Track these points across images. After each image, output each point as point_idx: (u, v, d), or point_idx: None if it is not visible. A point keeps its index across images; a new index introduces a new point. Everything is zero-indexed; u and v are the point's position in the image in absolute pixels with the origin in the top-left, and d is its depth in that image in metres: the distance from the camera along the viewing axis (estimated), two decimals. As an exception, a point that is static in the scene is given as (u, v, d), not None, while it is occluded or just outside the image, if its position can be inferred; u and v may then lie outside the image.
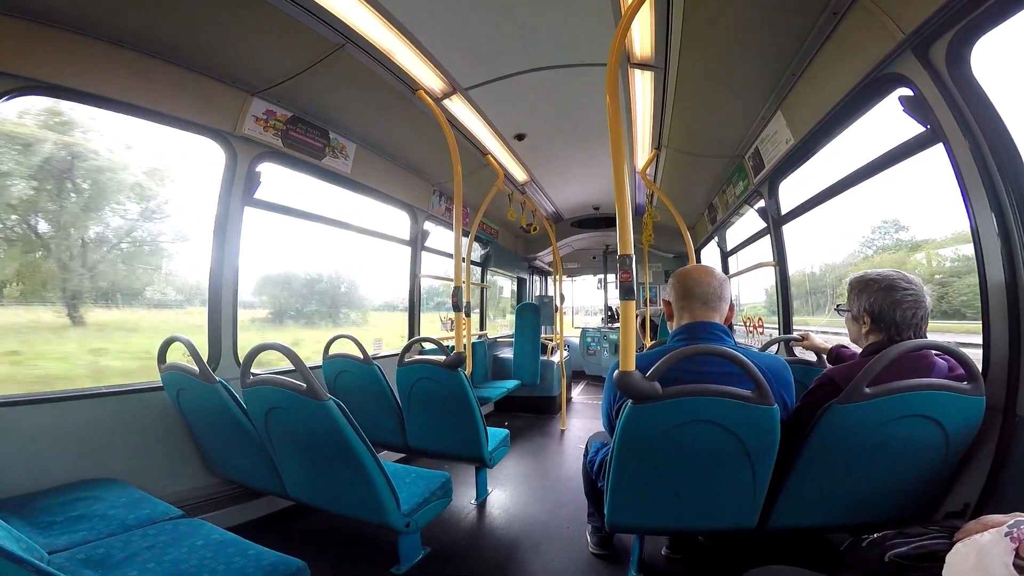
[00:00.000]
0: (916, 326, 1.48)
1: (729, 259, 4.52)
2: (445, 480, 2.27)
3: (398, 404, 2.86)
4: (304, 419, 1.80)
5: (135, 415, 2.23)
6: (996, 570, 0.70)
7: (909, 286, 1.49)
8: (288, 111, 2.80)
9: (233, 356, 2.65)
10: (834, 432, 1.38)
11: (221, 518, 2.27)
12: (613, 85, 1.58)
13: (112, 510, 1.74)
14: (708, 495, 1.53)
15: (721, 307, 1.64)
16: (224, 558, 1.43)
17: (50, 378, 2.44)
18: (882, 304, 1.51)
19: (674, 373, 1.38)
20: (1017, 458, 1.34)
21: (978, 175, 1.41)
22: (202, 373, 2.02)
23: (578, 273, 9.39)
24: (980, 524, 0.83)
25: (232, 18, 2.03)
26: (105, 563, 1.41)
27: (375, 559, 2.15)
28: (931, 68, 1.51)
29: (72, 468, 1.99)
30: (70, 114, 2.60)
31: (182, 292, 3.52)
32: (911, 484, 1.47)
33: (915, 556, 0.97)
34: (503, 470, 3.51)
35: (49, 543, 1.48)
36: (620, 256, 1.51)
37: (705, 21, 1.93)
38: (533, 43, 2.42)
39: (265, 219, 2.90)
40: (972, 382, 1.36)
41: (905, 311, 1.48)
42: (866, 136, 2.18)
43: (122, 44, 2.09)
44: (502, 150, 3.74)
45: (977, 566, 0.74)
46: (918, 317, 1.48)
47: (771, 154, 2.80)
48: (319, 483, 2.03)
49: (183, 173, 3.33)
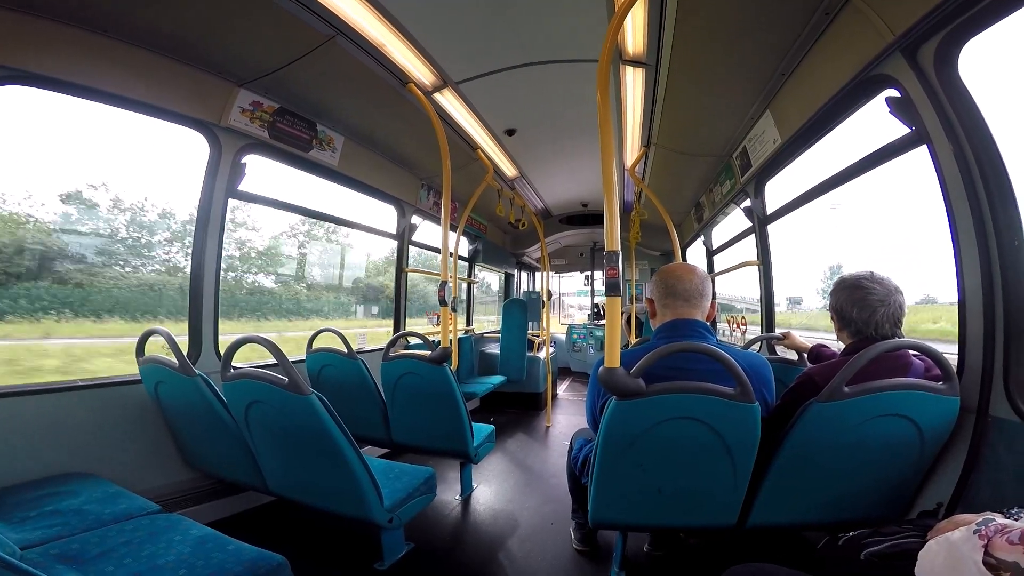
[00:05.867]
0: (878, 324, 1.50)
1: (715, 258, 4.56)
2: (429, 475, 2.26)
3: (382, 399, 2.84)
4: (286, 413, 1.77)
5: (112, 408, 2.18)
6: (966, 567, 0.71)
7: (873, 285, 1.51)
8: (275, 103, 2.75)
9: (214, 349, 2.61)
10: (813, 430, 1.40)
11: (200, 513, 2.24)
12: (604, 82, 1.57)
13: (87, 505, 1.70)
14: (690, 492, 1.54)
15: (703, 304, 1.66)
16: (203, 553, 1.41)
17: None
18: (844, 303, 1.54)
19: (657, 370, 1.39)
20: (989, 458, 1.37)
21: (960, 177, 1.43)
22: (182, 366, 1.98)
23: (566, 270, 9.41)
24: (952, 523, 0.84)
25: (219, 7, 1.98)
26: (80, 558, 1.38)
27: (357, 555, 2.14)
28: (919, 70, 1.52)
29: (46, 462, 1.95)
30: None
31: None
32: (887, 483, 1.50)
33: (890, 554, 0.98)
34: (488, 466, 3.52)
35: (22, 538, 1.44)
36: (607, 253, 1.51)
37: (698, 19, 1.93)
38: (526, 38, 2.40)
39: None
40: (947, 382, 1.38)
41: (863, 309, 1.50)
42: (851, 137, 2.20)
43: (105, 33, 2.04)
44: (492, 145, 3.73)
45: (948, 563, 0.75)
46: (879, 315, 1.49)
47: (758, 154, 2.82)
48: (300, 478, 2.01)
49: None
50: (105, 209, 3.32)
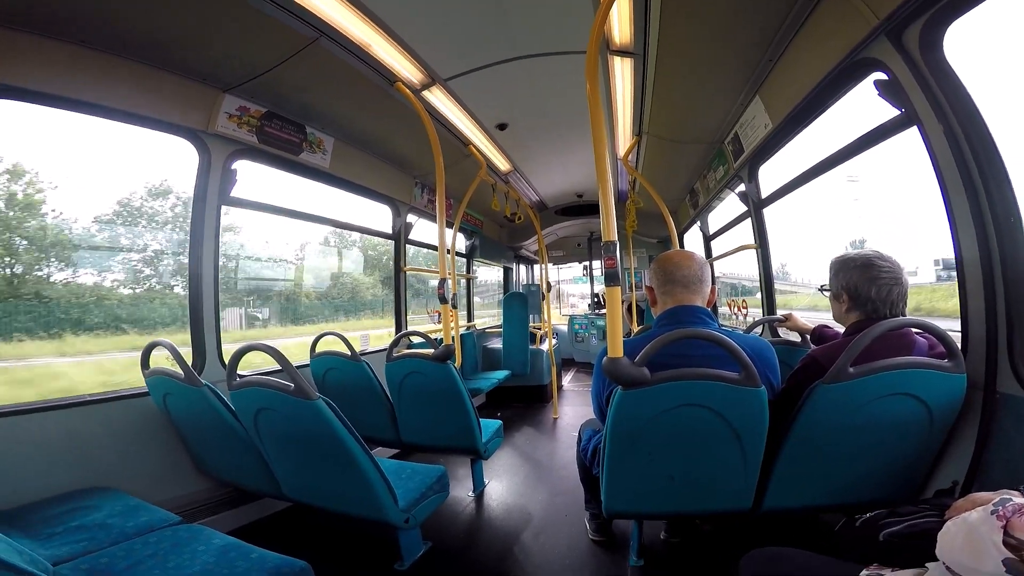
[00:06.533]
0: (893, 303, 1.51)
1: (712, 243, 4.57)
2: (441, 474, 2.28)
3: (389, 400, 2.85)
4: (294, 419, 1.79)
5: (121, 421, 2.19)
6: (986, 548, 0.71)
7: (885, 264, 1.52)
8: (262, 107, 2.73)
9: (218, 358, 2.61)
10: (821, 412, 1.41)
11: (219, 522, 2.25)
12: (593, 72, 1.57)
13: (111, 519, 1.72)
14: (701, 478, 1.55)
15: (703, 290, 1.66)
16: (227, 563, 1.42)
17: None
18: (859, 281, 1.54)
19: (661, 358, 1.40)
20: (1000, 436, 1.37)
21: (951, 157, 1.43)
22: (187, 376, 1.99)
23: (564, 261, 9.42)
24: (969, 502, 0.85)
25: (199, 14, 1.97)
26: (109, 572, 1.40)
27: (377, 556, 2.16)
28: (905, 52, 1.52)
29: (63, 477, 1.96)
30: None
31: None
32: (899, 462, 1.50)
33: (908, 535, 0.98)
34: (498, 461, 3.54)
35: (52, 555, 1.46)
36: (604, 243, 1.52)
37: (683, 6, 1.92)
38: (512, 32, 2.39)
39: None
40: (952, 359, 1.38)
41: (881, 288, 1.50)
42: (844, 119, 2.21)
43: (84, 44, 2.02)
44: (484, 140, 3.71)
45: (967, 544, 0.75)
46: (895, 294, 1.51)
47: (750, 139, 2.82)
48: (315, 483, 2.03)
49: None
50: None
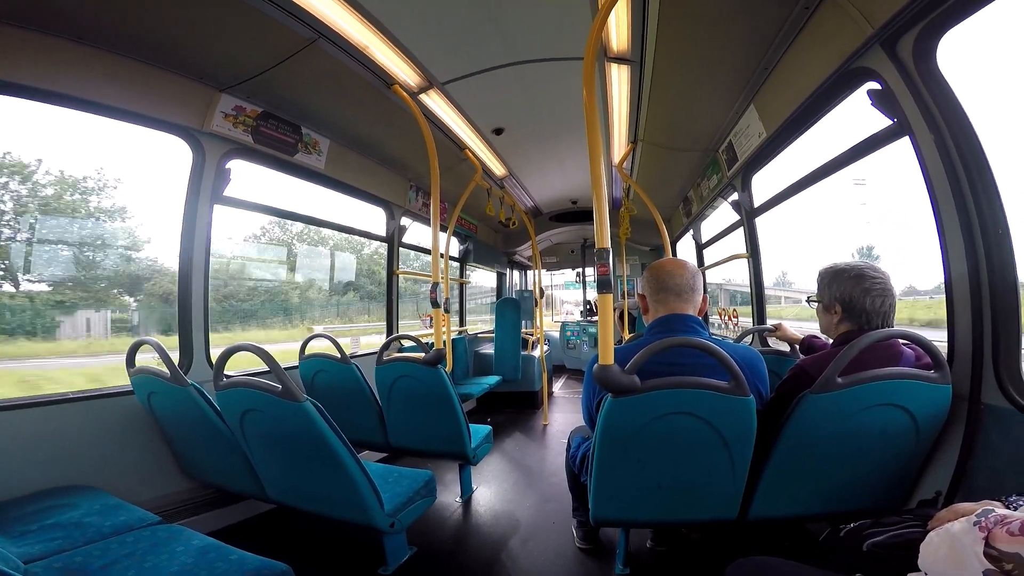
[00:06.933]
0: (885, 314, 1.53)
1: (705, 251, 4.59)
2: (428, 478, 2.26)
3: (378, 403, 2.83)
4: (281, 421, 1.76)
5: (106, 420, 2.16)
6: (967, 559, 0.71)
7: (877, 275, 1.54)
8: (259, 107, 2.72)
9: (205, 358, 2.58)
10: (809, 422, 1.41)
11: (200, 523, 2.22)
12: (590, 79, 1.58)
13: (88, 517, 1.69)
14: (689, 487, 1.55)
15: (695, 299, 1.67)
16: (206, 564, 1.40)
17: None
18: (853, 292, 1.55)
19: (652, 366, 1.40)
20: (984, 446, 1.39)
21: (942, 167, 1.45)
22: (173, 376, 1.96)
23: (557, 267, 9.43)
24: (951, 513, 0.85)
25: (198, 13, 1.96)
26: (83, 571, 1.37)
27: (361, 560, 2.13)
28: (898, 62, 1.54)
29: (43, 475, 1.93)
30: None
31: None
32: (885, 472, 1.51)
33: (891, 545, 0.99)
34: (487, 467, 3.52)
35: (24, 552, 1.43)
36: (597, 250, 1.52)
37: (680, 15, 1.94)
38: (511, 37, 2.40)
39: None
40: (938, 370, 1.40)
41: (874, 299, 1.52)
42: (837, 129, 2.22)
43: (83, 41, 2.00)
44: (480, 145, 3.72)
45: (949, 555, 0.76)
46: (886, 305, 1.53)
47: (744, 147, 2.84)
48: (299, 485, 2.00)
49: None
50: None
